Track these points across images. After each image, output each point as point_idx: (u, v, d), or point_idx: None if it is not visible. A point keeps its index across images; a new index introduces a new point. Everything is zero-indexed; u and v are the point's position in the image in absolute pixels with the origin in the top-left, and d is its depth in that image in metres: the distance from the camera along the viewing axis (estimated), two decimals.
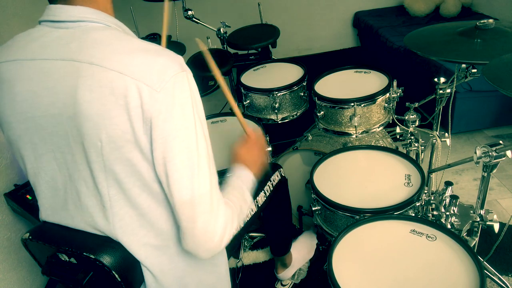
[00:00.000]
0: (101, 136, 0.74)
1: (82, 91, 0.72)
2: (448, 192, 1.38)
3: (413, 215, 1.26)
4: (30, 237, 0.89)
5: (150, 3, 2.37)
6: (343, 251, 1.05)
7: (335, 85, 1.78)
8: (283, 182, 1.47)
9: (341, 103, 1.60)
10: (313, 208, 1.37)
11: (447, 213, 1.36)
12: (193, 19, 2.44)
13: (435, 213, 1.39)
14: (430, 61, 2.56)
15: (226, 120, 1.78)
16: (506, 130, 2.51)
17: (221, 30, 2.34)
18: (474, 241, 1.36)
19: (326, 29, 4.00)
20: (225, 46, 2.38)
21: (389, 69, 1.78)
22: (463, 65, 1.47)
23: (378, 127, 1.65)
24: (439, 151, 1.61)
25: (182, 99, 0.74)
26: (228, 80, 2.43)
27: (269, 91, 1.81)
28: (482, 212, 1.32)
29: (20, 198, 1.50)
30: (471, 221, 1.34)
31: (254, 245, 1.95)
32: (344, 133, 1.66)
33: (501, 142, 1.11)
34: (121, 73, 0.70)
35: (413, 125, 1.60)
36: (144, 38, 2.41)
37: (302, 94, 1.88)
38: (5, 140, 0.86)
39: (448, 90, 1.56)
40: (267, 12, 3.09)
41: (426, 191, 1.72)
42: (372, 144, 1.81)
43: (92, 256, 0.81)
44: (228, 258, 1.08)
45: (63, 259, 0.87)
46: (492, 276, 1.50)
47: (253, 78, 2.01)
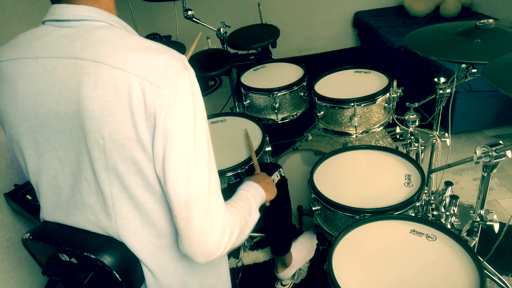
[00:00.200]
0: (104, 134, 0.74)
1: (86, 88, 0.72)
2: (448, 192, 1.38)
3: (413, 215, 1.26)
4: (31, 237, 0.89)
5: (150, 3, 2.37)
6: (343, 251, 1.05)
7: (335, 85, 1.78)
8: (283, 182, 1.47)
9: (341, 103, 1.60)
10: (313, 208, 1.37)
11: (447, 213, 1.36)
12: (193, 19, 2.44)
13: (435, 213, 1.39)
14: (430, 61, 2.56)
15: (226, 120, 1.78)
16: (506, 130, 2.51)
17: (221, 30, 2.34)
18: (474, 241, 1.36)
19: (326, 29, 4.00)
20: (225, 46, 2.38)
21: (389, 69, 1.78)
22: (463, 65, 1.47)
23: (378, 127, 1.65)
24: (439, 151, 1.61)
25: (184, 97, 0.74)
26: (228, 80, 2.43)
27: (269, 91, 1.81)
28: (482, 212, 1.32)
29: (20, 198, 1.50)
30: (471, 221, 1.34)
31: (254, 245, 1.95)
32: (344, 133, 1.66)
33: (501, 142, 1.11)
34: (125, 71, 0.71)
35: (413, 125, 1.60)
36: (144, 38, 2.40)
37: (302, 94, 1.88)
38: (7, 139, 0.85)
39: (448, 90, 1.56)
40: (267, 12, 3.09)
41: (426, 191, 1.72)
42: (372, 144, 1.81)
43: (93, 256, 0.81)
44: (228, 258, 1.08)
45: (64, 259, 0.87)
46: (492, 276, 1.50)
47: (253, 78, 2.01)
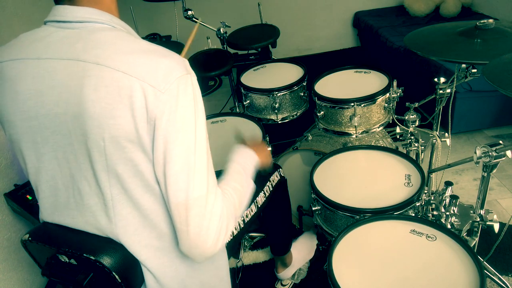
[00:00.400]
0: (104, 136, 0.74)
1: (87, 90, 0.72)
2: (448, 192, 1.38)
3: (413, 215, 1.26)
4: (30, 239, 0.89)
5: (150, 3, 2.37)
6: (343, 251, 1.05)
7: (335, 85, 1.78)
8: (283, 182, 1.47)
9: (341, 103, 1.60)
10: (313, 208, 1.37)
11: (447, 213, 1.36)
12: (193, 19, 2.44)
13: (435, 213, 1.39)
14: (430, 61, 2.56)
15: (226, 120, 1.78)
16: (506, 130, 2.51)
17: (221, 30, 2.34)
18: (474, 241, 1.36)
19: (326, 29, 4.00)
20: (225, 46, 2.38)
21: (389, 69, 1.78)
22: (463, 65, 1.47)
23: (378, 127, 1.65)
24: (439, 151, 1.61)
25: (185, 102, 0.74)
26: (228, 80, 2.43)
27: (269, 91, 1.81)
28: (482, 212, 1.32)
29: (20, 198, 1.50)
30: (471, 221, 1.34)
31: (254, 245, 1.95)
32: (344, 133, 1.66)
33: (501, 142, 1.11)
34: (127, 74, 0.71)
35: (413, 125, 1.60)
36: (144, 38, 2.41)
37: (302, 94, 1.88)
38: (7, 139, 0.86)
39: (448, 90, 1.56)
40: (267, 12, 3.09)
41: (426, 191, 1.72)
42: (372, 144, 1.80)
43: (92, 257, 0.81)
44: (228, 258, 1.08)
45: (63, 260, 0.87)
46: (492, 276, 1.50)
47: (253, 78, 2.00)
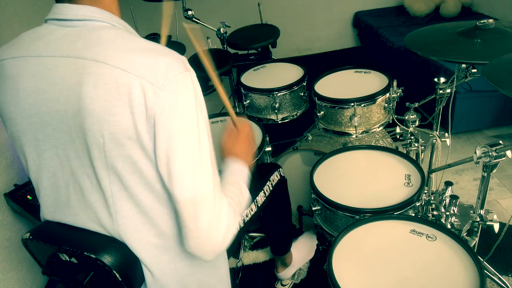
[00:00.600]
0: (104, 133, 0.74)
1: (87, 87, 0.72)
2: (448, 192, 1.38)
3: (413, 215, 1.26)
4: (31, 237, 0.89)
5: (150, 3, 2.37)
6: (343, 251, 1.05)
7: (335, 85, 1.78)
8: (283, 182, 1.47)
9: (341, 103, 1.60)
10: (313, 208, 1.37)
11: (447, 213, 1.36)
12: (193, 19, 2.44)
13: (435, 213, 1.39)
14: (430, 61, 2.56)
15: (226, 120, 1.78)
16: (506, 130, 2.51)
17: (221, 30, 2.34)
18: (474, 241, 1.36)
19: (326, 29, 4.00)
20: (225, 46, 2.38)
21: (389, 69, 1.78)
22: (463, 65, 1.47)
23: (378, 127, 1.65)
24: (439, 151, 1.61)
25: (186, 98, 0.74)
26: (228, 80, 2.43)
27: (269, 91, 1.81)
28: (482, 212, 1.32)
29: (20, 198, 1.50)
30: (471, 221, 1.34)
31: (254, 245, 1.95)
32: (344, 133, 1.66)
33: (501, 142, 1.11)
34: (126, 71, 0.71)
35: (413, 125, 1.60)
36: (144, 38, 2.41)
37: (302, 94, 1.88)
38: (8, 137, 0.86)
39: (448, 90, 1.56)
40: (267, 12, 3.09)
41: (426, 191, 1.72)
42: (372, 144, 1.81)
43: (93, 256, 0.81)
44: (228, 258, 1.08)
45: (64, 259, 0.87)
46: (492, 276, 1.50)
47: (253, 78, 2.01)
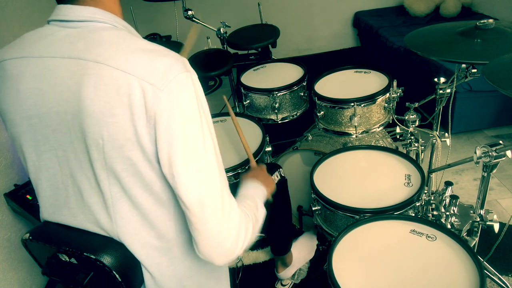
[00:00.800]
0: (103, 134, 0.74)
1: (87, 89, 0.72)
2: (448, 192, 1.38)
3: (413, 215, 1.26)
4: (30, 238, 0.89)
5: (150, 3, 2.37)
6: (343, 251, 1.05)
7: (335, 85, 1.78)
8: (283, 183, 1.47)
9: (341, 103, 1.60)
10: (313, 208, 1.37)
11: (447, 213, 1.36)
12: (193, 19, 2.44)
13: (435, 213, 1.39)
14: (430, 61, 2.56)
15: (226, 120, 1.78)
16: (506, 130, 2.51)
17: (221, 30, 2.34)
18: (474, 241, 1.36)
19: (326, 29, 4.00)
20: (225, 46, 2.38)
21: (389, 69, 1.78)
22: (463, 65, 1.47)
23: (378, 127, 1.65)
24: (439, 151, 1.61)
25: (187, 98, 0.73)
26: (228, 80, 2.43)
27: (269, 91, 1.81)
28: (482, 212, 1.32)
29: (20, 198, 1.50)
30: (471, 221, 1.34)
31: (254, 245, 1.95)
32: (344, 133, 1.66)
33: (501, 142, 1.11)
34: (125, 72, 0.71)
35: (413, 125, 1.60)
36: (144, 38, 2.41)
37: (302, 94, 1.88)
38: (8, 137, 0.86)
39: (448, 90, 1.56)
40: (267, 12, 3.09)
41: (426, 191, 1.72)
42: (372, 144, 1.81)
43: (93, 256, 0.81)
44: None
45: (64, 260, 0.87)
46: (492, 276, 1.50)
47: (253, 78, 2.01)
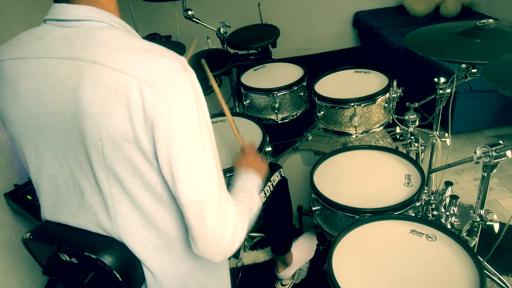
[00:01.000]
0: (102, 135, 0.74)
1: (85, 89, 0.72)
2: (448, 192, 1.38)
3: (413, 215, 1.26)
4: (31, 237, 0.89)
5: (150, 3, 2.37)
6: (343, 251, 1.06)
7: (335, 85, 1.78)
8: (283, 182, 1.47)
9: (341, 103, 1.60)
10: (313, 208, 1.37)
11: (447, 213, 1.36)
12: (193, 19, 2.44)
13: (435, 213, 1.39)
14: (430, 61, 2.56)
15: (226, 120, 1.77)
16: (506, 130, 2.51)
17: (221, 30, 2.34)
18: (474, 241, 1.36)
19: (326, 29, 4.00)
20: (225, 46, 2.38)
21: (389, 69, 1.78)
22: (463, 65, 1.47)
23: (378, 127, 1.65)
24: (439, 151, 1.61)
25: (186, 99, 0.73)
26: (228, 80, 2.43)
27: (269, 91, 1.81)
28: (482, 212, 1.32)
29: (20, 198, 1.50)
30: (471, 221, 1.34)
31: (254, 245, 1.95)
32: (344, 133, 1.66)
33: (501, 142, 1.12)
34: (124, 73, 0.70)
35: (413, 125, 1.60)
36: (144, 38, 2.42)
37: (302, 94, 1.88)
38: (8, 138, 0.86)
39: (448, 90, 1.56)
40: (267, 12, 3.09)
41: (426, 191, 1.72)
42: (372, 144, 1.81)
43: (93, 256, 0.81)
44: (228, 258, 1.08)
45: (64, 259, 0.87)
46: (492, 276, 1.50)
47: (253, 78, 2.01)
